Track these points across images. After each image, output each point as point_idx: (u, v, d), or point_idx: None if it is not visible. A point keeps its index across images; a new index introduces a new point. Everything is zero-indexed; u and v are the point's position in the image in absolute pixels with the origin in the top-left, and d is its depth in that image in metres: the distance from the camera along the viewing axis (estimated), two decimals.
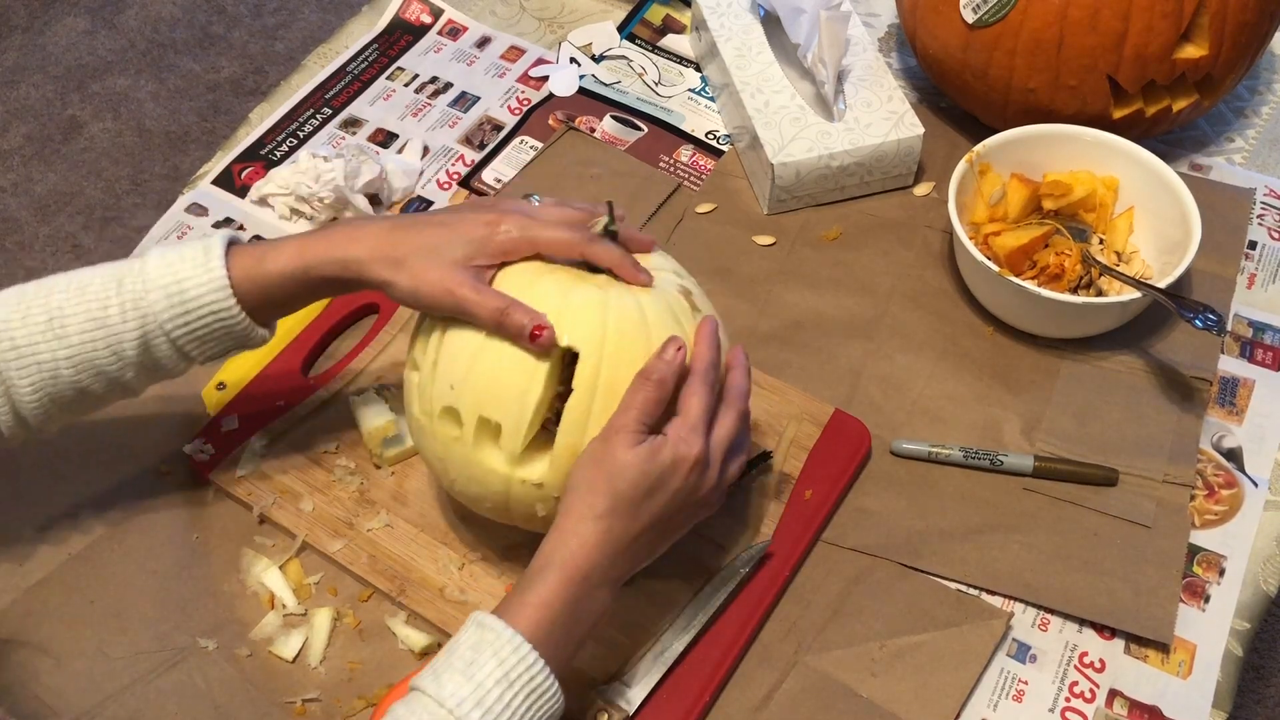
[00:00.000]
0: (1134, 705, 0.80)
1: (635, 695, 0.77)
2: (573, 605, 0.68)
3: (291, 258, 0.75)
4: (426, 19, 1.27)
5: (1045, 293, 0.91)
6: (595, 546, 0.69)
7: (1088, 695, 0.80)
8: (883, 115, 1.06)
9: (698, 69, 1.22)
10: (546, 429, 0.74)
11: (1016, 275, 0.93)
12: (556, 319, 0.72)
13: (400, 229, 0.75)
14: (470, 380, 0.73)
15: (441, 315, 0.75)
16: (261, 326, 0.77)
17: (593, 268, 0.77)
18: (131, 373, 0.76)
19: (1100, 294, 0.97)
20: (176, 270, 0.74)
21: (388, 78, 1.22)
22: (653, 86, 1.20)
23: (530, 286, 0.74)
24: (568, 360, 0.73)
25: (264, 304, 0.76)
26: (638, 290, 0.76)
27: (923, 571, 0.85)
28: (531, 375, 0.72)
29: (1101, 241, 1.01)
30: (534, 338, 0.71)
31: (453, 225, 0.75)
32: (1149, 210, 0.99)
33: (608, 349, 0.72)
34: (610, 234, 0.77)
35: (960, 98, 1.11)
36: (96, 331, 0.73)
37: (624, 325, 0.73)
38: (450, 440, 0.75)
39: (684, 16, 1.27)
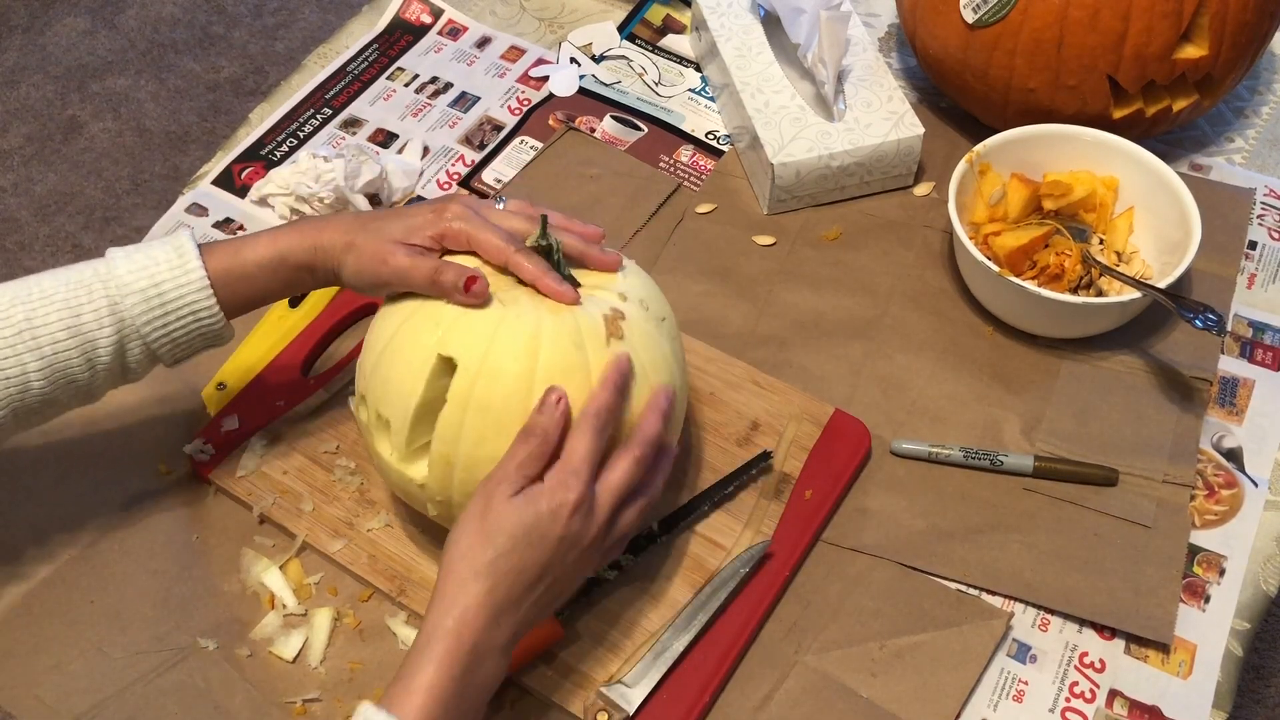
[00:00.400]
0: (1134, 705, 0.80)
1: (635, 695, 0.76)
2: (461, 683, 0.65)
3: (267, 247, 0.77)
4: (427, 19, 1.27)
5: (1045, 293, 0.91)
6: (479, 610, 0.66)
7: (1088, 695, 0.80)
8: (883, 115, 1.06)
9: (698, 69, 1.22)
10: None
11: (1016, 275, 0.93)
12: (449, 329, 0.73)
13: (361, 218, 0.78)
14: (375, 375, 0.76)
15: (380, 295, 0.78)
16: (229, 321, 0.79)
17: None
18: (100, 379, 0.76)
19: (1100, 294, 0.97)
20: (152, 273, 0.74)
21: (388, 78, 1.22)
22: (653, 86, 1.20)
23: None
24: (452, 369, 0.73)
25: (240, 297, 0.77)
26: (549, 311, 0.74)
27: (923, 571, 0.85)
28: (416, 378, 0.73)
29: (1101, 241, 1.01)
30: (468, 288, 0.73)
31: (403, 213, 0.78)
32: (1149, 210, 0.99)
33: (487, 364, 0.72)
34: (543, 249, 0.77)
35: (960, 98, 1.11)
36: (70, 340, 0.73)
37: (511, 341, 0.72)
38: (364, 425, 0.79)
39: (684, 16, 1.27)
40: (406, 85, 1.21)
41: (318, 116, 1.18)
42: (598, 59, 1.23)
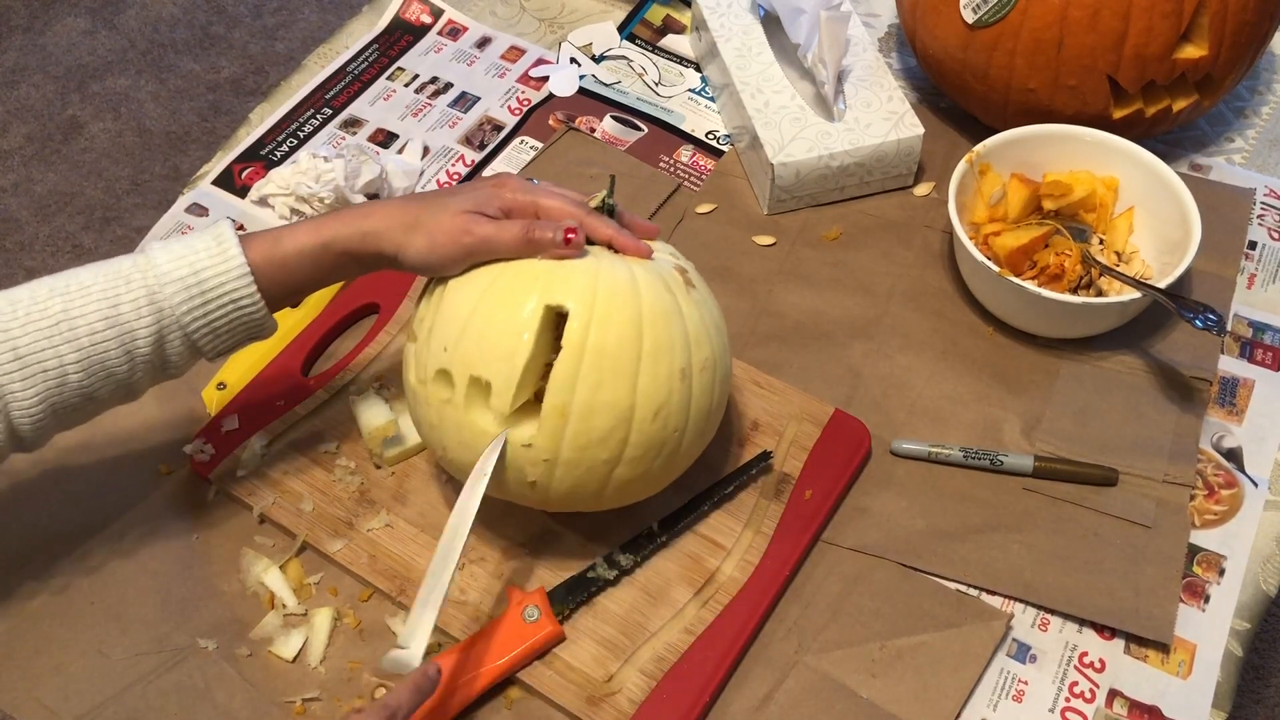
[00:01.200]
0: (1134, 705, 0.80)
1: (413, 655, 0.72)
2: None
3: (310, 235, 0.76)
4: (427, 19, 1.27)
5: (1045, 293, 0.91)
6: None
7: (1088, 695, 0.80)
8: (883, 115, 1.06)
9: (698, 69, 1.22)
10: (538, 396, 0.75)
11: (1016, 275, 0.93)
12: (548, 281, 0.74)
13: (409, 200, 0.78)
14: (463, 341, 0.74)
15: (452, 273, 0.77)
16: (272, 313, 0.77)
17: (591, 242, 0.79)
18: (140, 373, 0.74)
19: (1100, 294, 0.97)
20: (191, 261, 0.73)
21: (388, 78, 1.22)
22: (653, 87, 1.20)
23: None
24: (560, 323, 0.74)
25: (281, 287, 0.76)
26: (632, 260, 0.77)
27: (923, 571, 0.85)
28: (520, 334, 0.73)
29: (1101, 241, 1.01)
30: (567, 241, 0.74)
31: (459, 190, 0.78)
32: (1149, 210, 0.99)
33: (598, 310, 0.73)
34: (608, 208, 0.79)
35: (960, 98, 1.11)
36: (108, 331, 0.71)
37: (615, 287, 0.74)
38: (442, 404, 0.76)
39: (684, 16, 1.27)
40: (406, 85, 1.21)
41: (318, 116, 1.18)
42: (598, 59, 1.23)
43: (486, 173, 1.12)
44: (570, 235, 0.74)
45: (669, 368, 0.74)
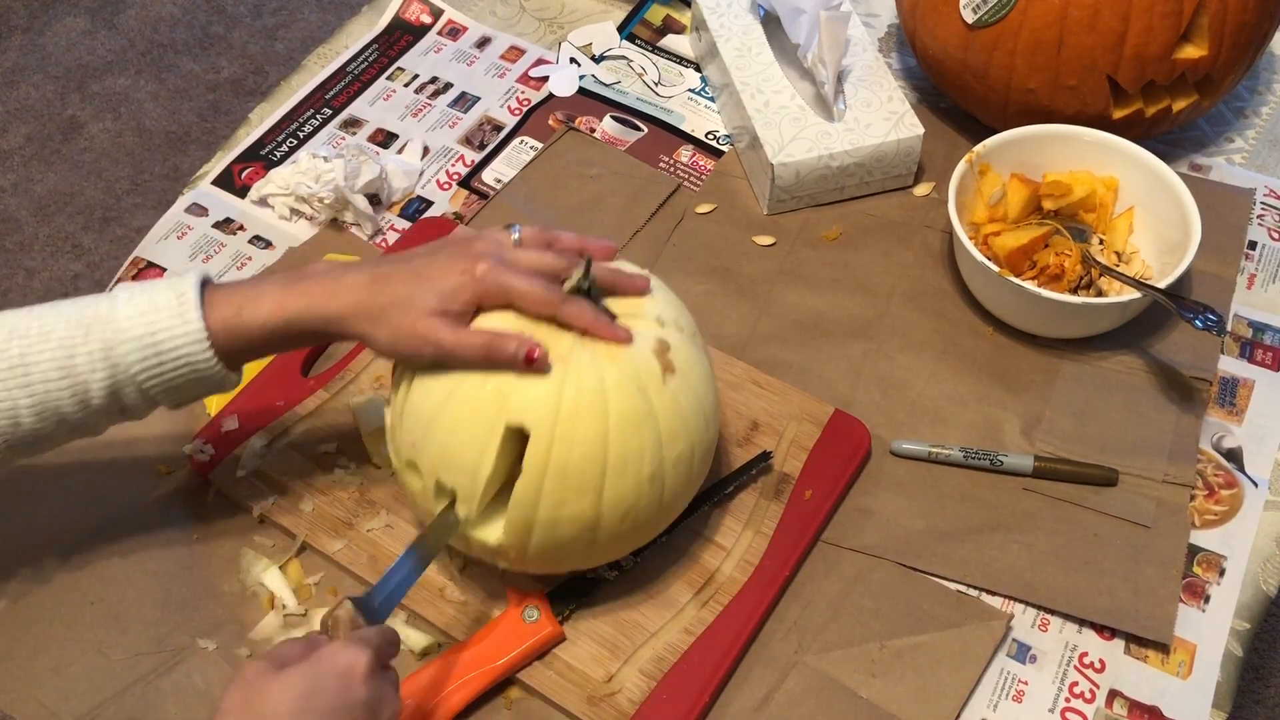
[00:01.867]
0: (1134, 705, 0.80)
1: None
2: None
3: (273, 310, 0.72)
4: (426, 19, 1.27)
5: (1045, 293, 0.91)
6: None
7: (1088, 695, 0.80)
8: (883, 115, 1.06)
9: (698, 69, 1.22)
10: (504, 491, 0.74)
11: (1016, 275, 0.93)
12: (509, 397, 0.70)
13: (377, 282, 0.73)
14: (429, 443, 0.73)
15: (420, 365, 0.74)
16: (233, 371, 0.75)
17: None
18: (95, 419, 0.74)
19: (1100, 294, 0.97)
20: (150, 320, 0.71)
21: (388, 78, 1.22)
22: (653, 87, 1.20)
23: None
24: (523, 438, 0.71)
25: (240, 354, 0.74)
26: (605, 358, 0.72)
27: (923, 572, 0.85)
28: (483, 450, 0.71)
29: (1101, 242, 1.01)
30: (529, 362, 0.70)
31: (427, 275, 0.72)
32: (1149, 210, 0.99)
33: (560, 429, 0.70)
34: (584, 290, 0.73)
35: (960, 98, 1.11)
36: (62, 380, 0.71)
37: (580, 402, 0.70)
38: (416, 489, 0.76)
39: (684, 17, 1.27)
40: (406, 85, 1.21)
41: (318, 116, 1.18)
42: (598, 59, 1.23)
43: (486, 173, 1.12)
44: (532, 356, 0.70)
45: (636, 476, 0.72)
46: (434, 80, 1.21)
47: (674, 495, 0.76)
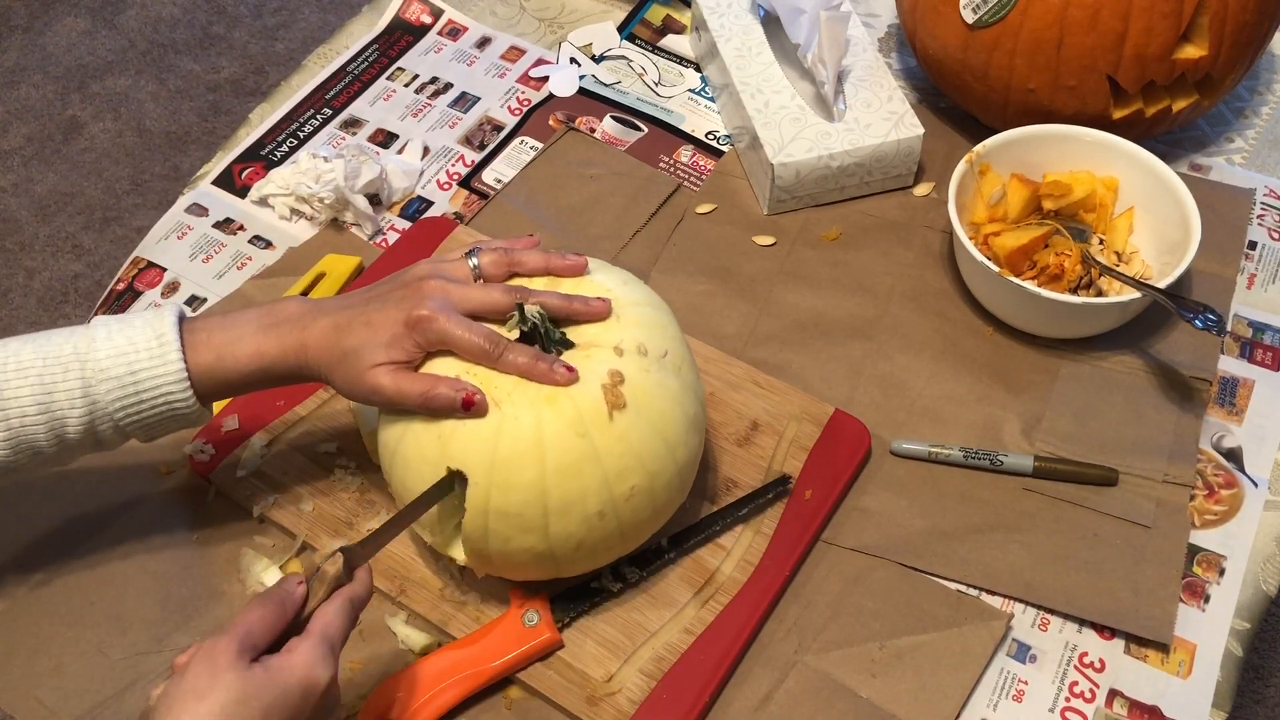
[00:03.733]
0: (1134, 705, 0.80)
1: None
2: None
3: (251, 356, 0.74)
4: (426, 19, 1.27)
5: (1045, 293, 0.91)
6: None
7: (1088, 695, 0.80)
8: (883, 115, 1.06)
9: (698, 69, 1.22)
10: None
11: (1016, 275, 0.93)
12: (449, 436, 0.72)
13: (339, 330, 0.74)
14: (394, 476, 0.76)
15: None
16: (207, 409, 0.77)
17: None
18: (68, 453, 0.75)
19: (1100, 294, 0.97)
20: (130, 360, 0.72)
21: (388, 78, 1.22)
22: (653, 87, 1.20)
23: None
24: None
25: (216, 395, 0.76)
26: (544, 400, 0.72)
27: (923, 571, 0.85)
28: (429, 487, 0.73)
29: (1101, 242, 1.01)
30: (467, 407, 0.71)
31: (376, 323, 0.74)
32: (1149, 210, 0.99)
33: (496, 476, 0.71)
34: (529, 332, 0.74)
35: (960, 98, 1.11)
36: (39, 415, 0.72)
37: (515, 450, 0.71)
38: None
39: (684, 17, 1.27)
40: (406, 85, 1.21)
41: (318, 117, 1.18)
42: (598, 59, 1.23)
43: (486, 173, 1.12)
44: (470, 401, 0.71)
45: (583, 514, 0.73)
46: (434, 80, 1.21)
47: (634, 525, 0.76)
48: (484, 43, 1.25)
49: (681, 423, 0.76)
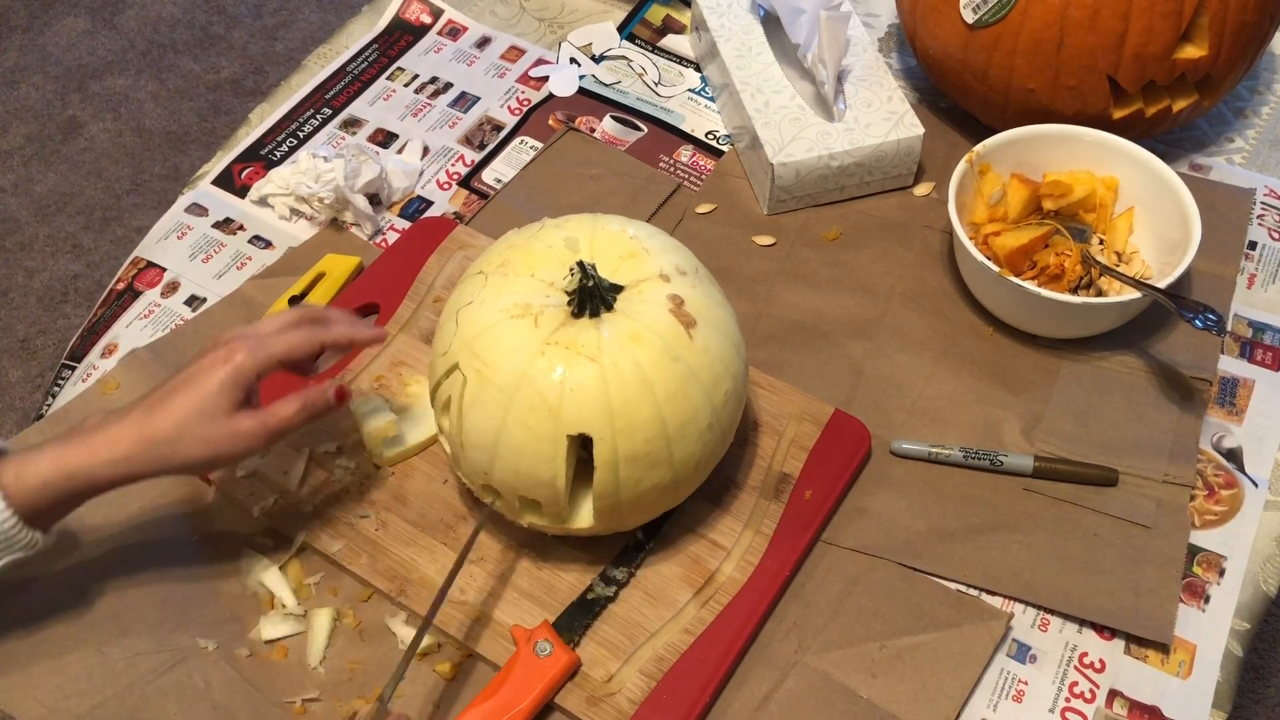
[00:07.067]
0: (1134, 705, 0.80)
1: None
2: None
3: (51, 466, 0.72)
4: (426, 19, 1.27)
5: (1045, 293, 0.91)
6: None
7: (1088, 695, 0.80)
8: (883, 115, 1.06)
9: (698, 69, 1.22)
10: (581, 478, 0.79)
11: (1016, 275, 0.93)
12: (562, 407, 0.73)
13: (152, 411, 0.73)
14: (498, 465, 0.76)
15: (465, 397, 0.76)
16: (42, 533, 0.74)
17: (580, 313, 0.76)
18: None
19: (1100, 294, 0.97)
20: None
21: (388, 78, 1.22)
22: (653, 87, 1.20)
23: (525, 375, 0.74)
24: (583, 437, 0.74)
25: (31, 516, 0.73)
26: (631, 339, 0.74)
27: (923, 572, 0.85)
28: (553, 463, 0.74)
29: (1101, 241, 1.01)
30: (341, 398, 0.78)
31: (197, 382, 0.74)
32: (1149, 210, 0.99)
33: (618, 424, 0.73)
34: (581, 288, 0.75)
35: (960, 98, 1.11)
36: None
37: (627, 394, 0.73)
38: (498, 501, 0.80)
39: (684, 16, 1.27)
40: (406, 85, 1.21)
41: (318, 116, 1.18)
42: (598, 59, 1.23)
43: (486, 173, 1.12)
44: (342, 392, 0.79)
45: (697, 431, 0.76)
46: (434, 80, 1.21)
47: (729, 424, 0.80)
48: (484, 43, 1.25)
49: (735, 321, 0.81)
